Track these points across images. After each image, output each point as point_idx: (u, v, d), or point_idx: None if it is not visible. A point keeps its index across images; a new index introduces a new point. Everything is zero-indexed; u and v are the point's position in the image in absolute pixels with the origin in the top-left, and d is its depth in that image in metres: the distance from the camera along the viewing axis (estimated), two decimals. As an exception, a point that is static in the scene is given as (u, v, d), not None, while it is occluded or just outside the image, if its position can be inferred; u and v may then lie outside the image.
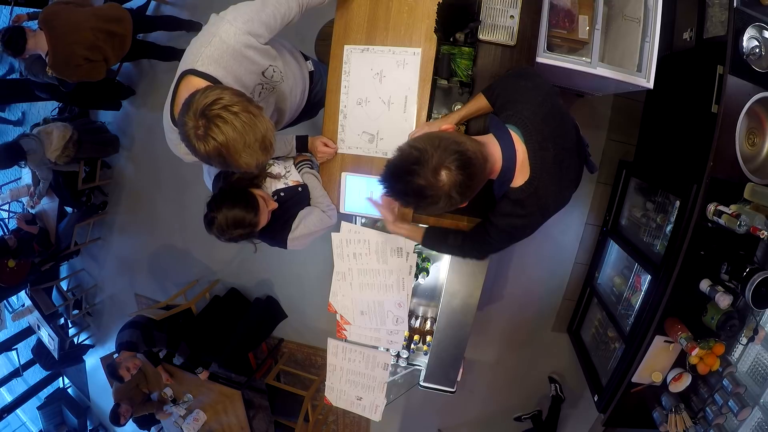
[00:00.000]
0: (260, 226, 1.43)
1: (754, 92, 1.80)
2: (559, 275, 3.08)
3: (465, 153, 0.96)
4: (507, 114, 1.12)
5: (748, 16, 1.79)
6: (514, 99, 1.14)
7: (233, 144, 1.02)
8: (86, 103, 3.83)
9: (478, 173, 1.00)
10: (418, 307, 2.05)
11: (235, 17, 1.19)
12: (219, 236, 1.39)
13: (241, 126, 1.01)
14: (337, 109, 1.69)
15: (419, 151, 0.95)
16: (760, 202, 1.64)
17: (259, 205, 1.41)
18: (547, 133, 1.10)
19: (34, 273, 4.08)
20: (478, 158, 1.00)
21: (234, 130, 1.01)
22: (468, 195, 1.00)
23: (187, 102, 1.04)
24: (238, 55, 1.21)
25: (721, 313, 1.78)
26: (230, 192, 1.42)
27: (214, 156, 1.04)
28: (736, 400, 1.85)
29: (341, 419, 3.80)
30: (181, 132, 1.05)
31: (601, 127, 2.82)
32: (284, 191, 1.60)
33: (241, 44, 1.20)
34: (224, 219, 1.35)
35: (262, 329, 3.47)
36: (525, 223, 1.17)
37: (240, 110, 1.02)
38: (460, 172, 0.95)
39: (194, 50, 1.20)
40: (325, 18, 1.81)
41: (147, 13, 3.70)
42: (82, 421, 4.97)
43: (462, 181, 0.96)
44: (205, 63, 1.17)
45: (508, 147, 1.08)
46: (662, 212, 2.14)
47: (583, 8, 1.91)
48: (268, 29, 1.26)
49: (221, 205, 1.37)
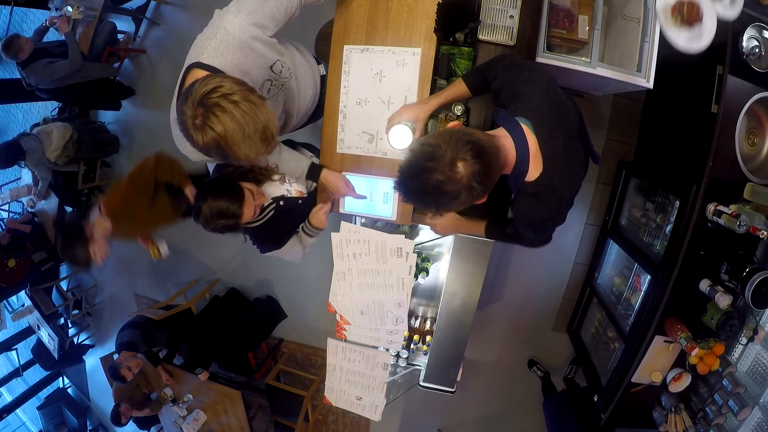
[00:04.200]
0: (245, 218, 1.42)
1: (754, 92, 1.80)
2: (559, 275, 3.09)
3: (478, 142, 0.96)
4: (515, 106, 1.11)
5: (747, 16, 1.79)
6: (520, 91, 1.13)
7: (232, 134, 0.98)
8: (86, 103, 3.84)
9: (494, 161, 1.00)
10: (417, 307, 2.05)
11: (239, 9, 1.18)
12: (204, 226, 1.39)
13: (241, 115, 0.98)
14: (336, 109, 1.69)
15: (432, 147, 0.95)
16: (760, 202, 1.64)
17: (244, 197, 1.40)
18: (554, 121, 1.10)
19: (33, 273, 4.08)
20: (491, 147, 0.99)
21: (233, 120, 0.97)
22: (488, 184, 0.99)
23: (187, 91, 1.01)
24: (245, 46, 1.20)
25: (720, 313, 1.78)
26: (217, 183, 1.42)
27: (212, 147, 1.01)
28: (736, 400, 1.85)
29: (341, 419, 3.80)
30: (179, 122, 1.02)
31: (601, 126, 2.82)
32: (284, 200, 1.60)
33: (247, 35, 1.19)
34: (208, 209, 1.36)
35: (262, 329, 3.47)
36: (546, 216, 1.16)
37: (240, 99, 0.98)
38: (477, 161, 0.94)
39: (199, 44, 1.19)
40: (325, 18, 1.80)
41: (147, 13, 3.72)
42: (82, 421, 4.97)
43: (480, 170, 0.95)
44: (210, 55, 1.16)
45: (520, 138, 1.07)
46: (662, 212, 2.14)
47: (583, 8, 1.91)
48: (273, 21, 1.25)
49: (207, 195, 1.37)
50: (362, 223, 1.82)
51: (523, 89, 1.13)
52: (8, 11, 4.23)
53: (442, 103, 1.47)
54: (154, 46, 3.81)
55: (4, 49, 2.92)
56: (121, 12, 3.65)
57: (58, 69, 3.03)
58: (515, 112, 1.11)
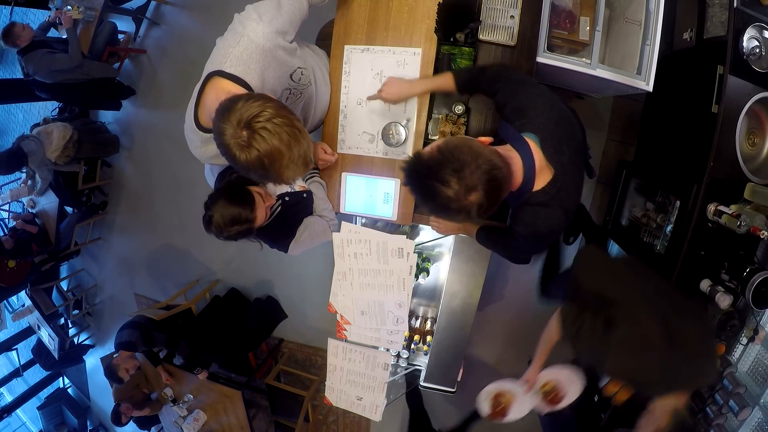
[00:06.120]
0: (258, 221, 1.42)
1: (754, 92, 1.80)
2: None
3: (497, 179, 0.96)
4: (521, 122, 1.13)
5: (748, 16, 1.79)
6: (526, 106, 1.14)
7: (278, 156, 1.01)
8: (86, 103, 3.84)
9: (501, 198, 1.01)
10: (418, 307, 2.05)
11: (260, 15, 1.16)
12: (218, 235, 1.38)
13: (287, 140, 1.01)
14: (337, 109, 1.69)
15: (461, 164, 0.94)
16: (761, 202, 1.64)
17: (255, 201, 1.40)
18: (561, 136, 1.12)
19: (34, 273, 4.08)
20: (506, 182, 1.01)
21: (281, 143, 1.00)
22: (484, 216, 1.01)
23: (228, 108, 1.00)
24: (268, 55, 1.19)
25: (721, 313, 1.78)
26: (226, 190, 1.41)
27: (255, 166, 1.02)
28: (737, 400, 1.85)
29: (341, 419, 3.79)
30: (217, 138, 1.03)
31: (602, 127, 2.82)
32: (289, 196, 1.60)
33: (271, 44, 1.18)
34: (220, 217, 1.35)
35: (262, 329, 3.47)
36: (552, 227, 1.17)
37: (284, 123, 1.01)
38: (487, 197, 0.95)
39: (221, 51, 1.17)
40: (326, 18, 1.81)
41: (147, 13, 3.72)
42: (82, 421, 4.96)
43: (486, 205, 0.97)
44: (233, 64, 1.14)
45: (527, 158, 1.08)
46: (662, 212, 2.14)
47: (585, 9, 1.91)
48: (292, 25, 1.24)
49: (217, 203, 1.36)
50: (363, 223, 1.83)
51: (530, 105, 1.14)
52: (8, 11, 4.23)
53: (425, 91, 1.52)
54: (155, 46, 3.81)
55: (3, 37, 2.93)
56: (121, 12, 3.65)
57: (57, 61, 3.04)
58: (522, 128, 1.12)
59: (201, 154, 1.28)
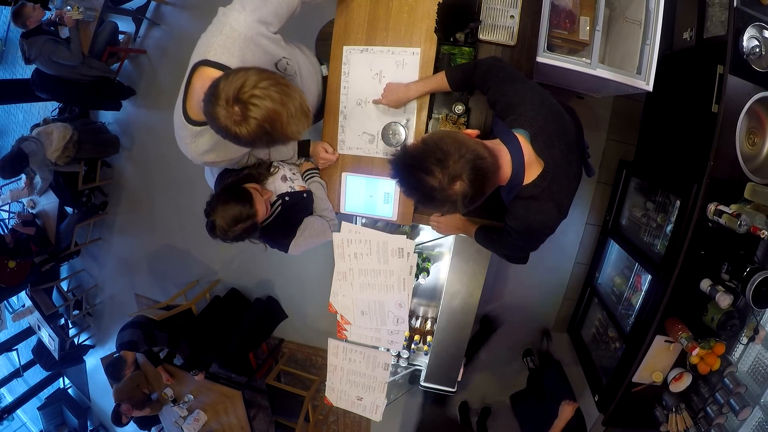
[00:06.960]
0: (260, 216, 1.42)
1: (755, 92, 1.80)
2: (559, 275, 3.08)
3: (481, 168, 0.97)
4: (512, 118, 1.14)
5: (748, 15, 1.79)
6: (515, 103, 1.15)
7: (276, 117, 1.02)
8: (86, 103, 3.84)
9: (487, 189, 1.02)
10: (418, 307, 2.06)
11: (243, 5, 1.18)
12: (224, 238, 1.38)
13: (279, 98, 1.01)
14: (337, 109, 1.69)
15: (444, 153, 0.95)
16: (761, 202, 1.64)
17: (252, 196, 1.40)
18: (552, 130, 1.13)
19: (34, 273, 4.08)
20: (491, 172, 1.01)
21: (274, 102, 1.01)
22: (474, 204, 1.01)
23: (212, 93, 1.02)
24: (250, 43, 1.20)
25: (721, 313, 1.78)
26: (221, 194, 1.41)
27: (258, 134, 1.03)
28: (737, 399, 1.85)
29: (341, 419, 3.79)
30: (213, 125, 1.04)
31: (601, 127, 2.82)
32: (289, 195, 1.60)
33: (252, 32, 1.19)
34: (222, 219, 1.35)
35: (263, 329, 3.47)
36: (543, 220, 1.16)
37: (270, 84, 1.01)
38: (472, 186, 0.96)
39: (205, 41, 1.19)
40: (325, 18, 1.81)
41: (147, 14, 3.72)
42: (83, 422, 4.96)
43: (471, 194, 0.97)
44: (217, 52, 1.16)
45: (517, 153, 1.09)
46: (663, 212, 2.14)
47: (585, 9, 1.92)
48: (277, 18, 1.26)
49: (216, 207, 1.37)
50: (363, 223, 1.82)
51: (519, 101, 1.15)
52: (8, 11, 4.23)
53: (422, 94, 1.53)
54: (155, 46, 3.81)
55: (14, 17, 2.98)
56: (121, 12, 3.65)
57: (59, 52, 3.05)
58: (512, 123, 1.13)
59: (192, 151, 1.28)
